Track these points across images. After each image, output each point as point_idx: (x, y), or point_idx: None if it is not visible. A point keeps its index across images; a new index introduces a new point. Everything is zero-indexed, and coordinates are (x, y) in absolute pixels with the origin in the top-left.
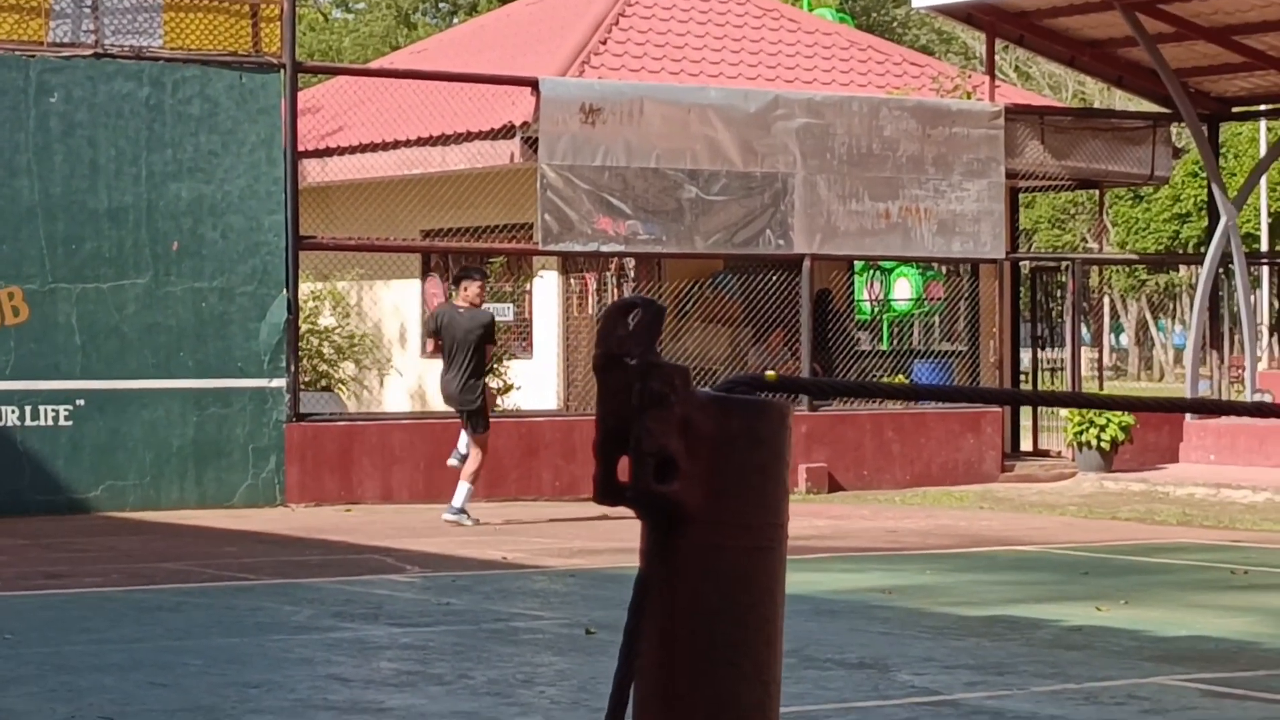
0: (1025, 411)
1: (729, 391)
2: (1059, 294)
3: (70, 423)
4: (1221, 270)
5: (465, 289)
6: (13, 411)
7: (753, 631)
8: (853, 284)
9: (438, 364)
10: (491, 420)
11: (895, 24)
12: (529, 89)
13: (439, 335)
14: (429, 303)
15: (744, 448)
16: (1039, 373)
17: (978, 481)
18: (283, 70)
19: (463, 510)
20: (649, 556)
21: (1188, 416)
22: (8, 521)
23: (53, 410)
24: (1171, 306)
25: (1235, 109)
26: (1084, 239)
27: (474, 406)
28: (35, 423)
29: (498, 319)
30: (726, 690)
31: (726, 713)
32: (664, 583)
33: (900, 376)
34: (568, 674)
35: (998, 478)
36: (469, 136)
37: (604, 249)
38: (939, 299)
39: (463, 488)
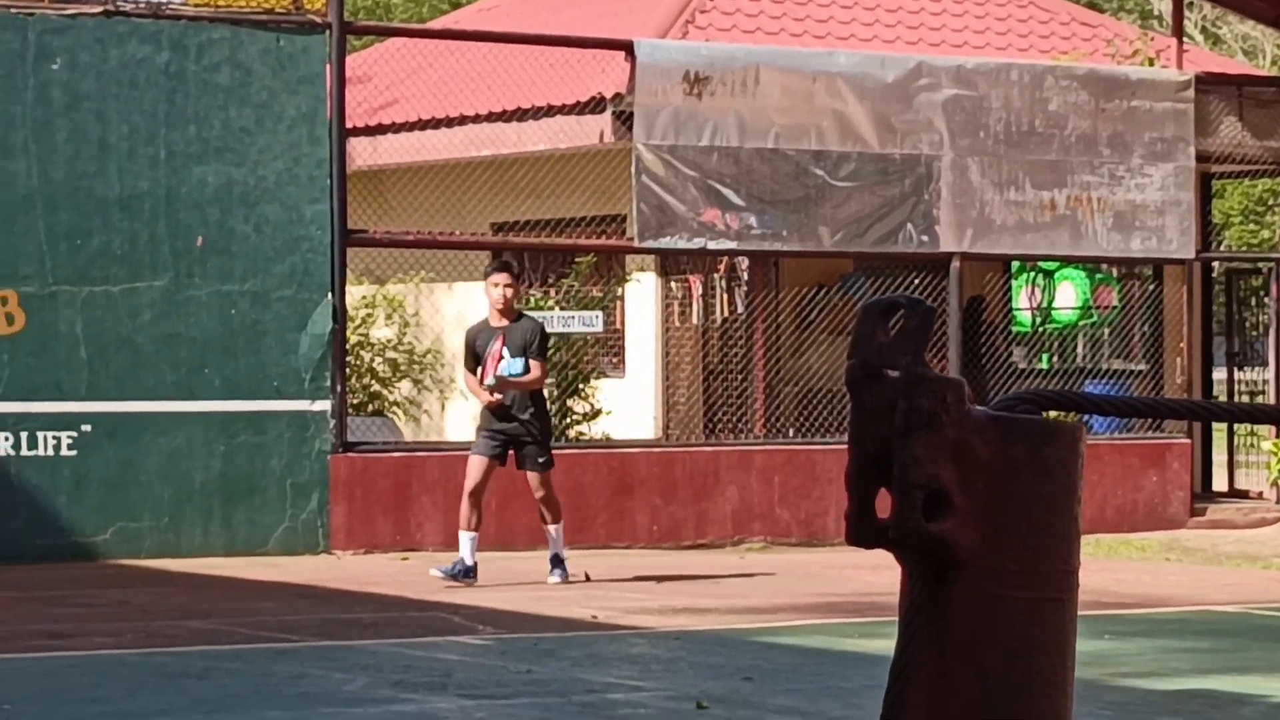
0: (1218, 444)
1: (1010, 410)
2: (1258, 301)
3: (74, 452)
4: None
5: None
6: (6, 439)
7: (1039, 701)
8: (1009, 289)
9: None
10: (554, 452)
11: None
12: (622, 54)
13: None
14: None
15: (1029, 478)
16: (1235, 396)
17: (1162, 527)
18: (328, 31)
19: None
20: (913, 609)
21: None
22: (0, 569)
23: (53, 437)
24: None
25: None
26: None
27: None
28: (33, 452)
29: (585, 329)
30: None
31: None
32: (932, 642)
33: None
34: None
35: (1186, 523)
36: (549, 111)
37: (711, 246)
38: (1110, 307)
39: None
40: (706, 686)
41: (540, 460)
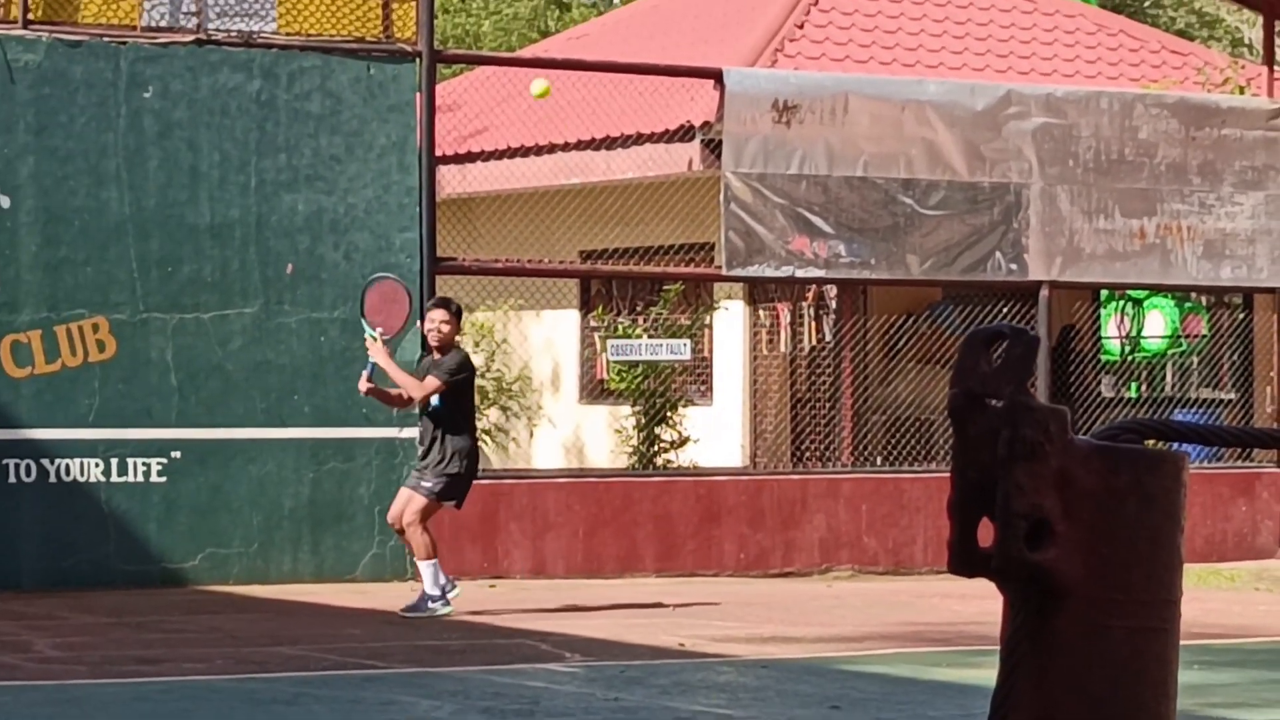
0: None
1: (1114, 439)
2: None
3: (164, 479)
4: None
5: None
6: (96, 465)
7: None
8: (1098, 318)
9: (596, 411)
10: (642, 480)
11: (1149, 4)
12: (711, 82)
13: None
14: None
15: (1133, 508)
16: None
17: (1252, 557)
18: (418, 59)
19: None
20: (1016, 639)
21: None
22: (91, 595)
23: (143, 464)
24: None
25: None
26: None
27: None
28: (123, 478)
29: (672, 357)
30: None
31: None
32: (1035, 671)
33: None
34: None
35: (1276, 553)
36: (638, 139)
37: (800, 274)
38: (1199, 335)
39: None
40: (794, 715)
41: (425, 485)
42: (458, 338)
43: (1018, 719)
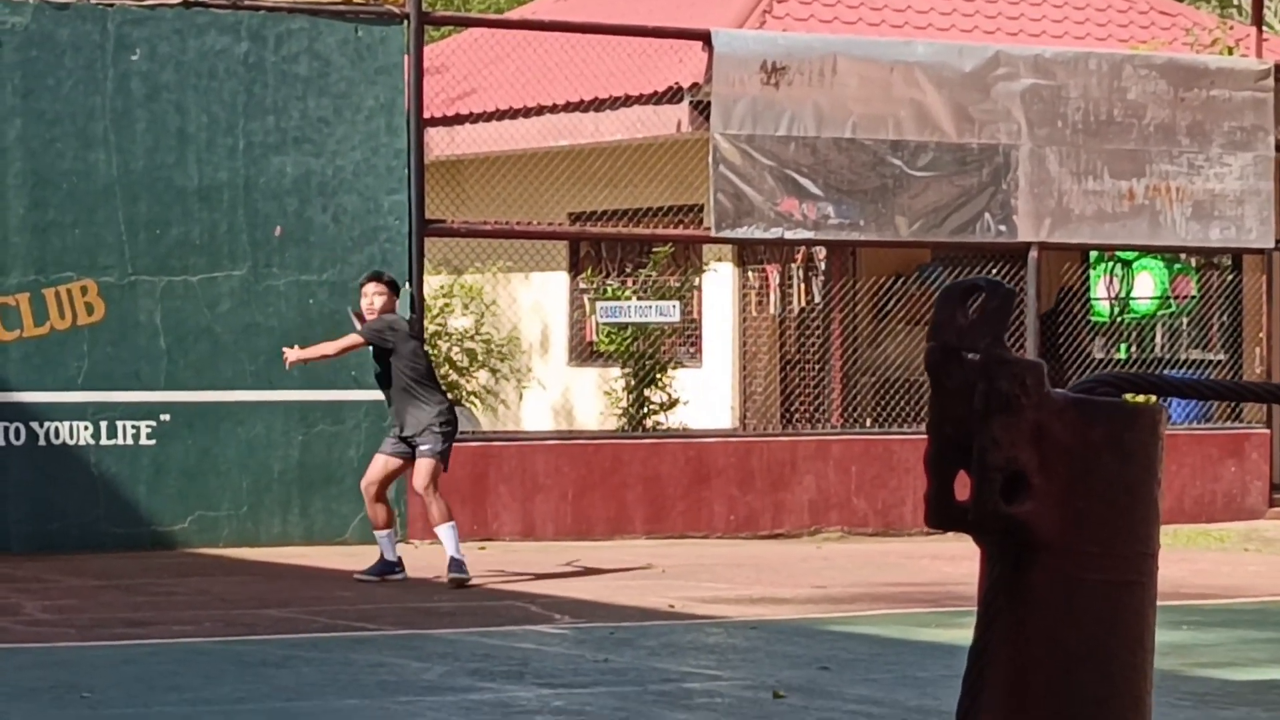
0: None
1: (1090, 392)
2: None
3: (153, 441)
4: None
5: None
6: (85, 428)
7: (1119, 684)
8: (1087, 279)
9: (585, 373)
10: (634, 441)
11: None
12: (699, 44)
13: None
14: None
15: (1110, 461)
16: None
17: (1241, 518)
18: (406, 21)
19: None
20: (993, 592)
21: None
22: (81, 558)
23: (133, 427)
24: None
25: None
26: None
27: None
28: (112, 441)
29: (661, 319)
30: None
31: None
32: (1012, 625)
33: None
34: None
35: (1265, 513)
36: (626, 101)
37: (789, 236)
38: (1189, 297)
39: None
40: (783, 676)
41: (425, 447)
42: (397, 307)
43: (995, 673)
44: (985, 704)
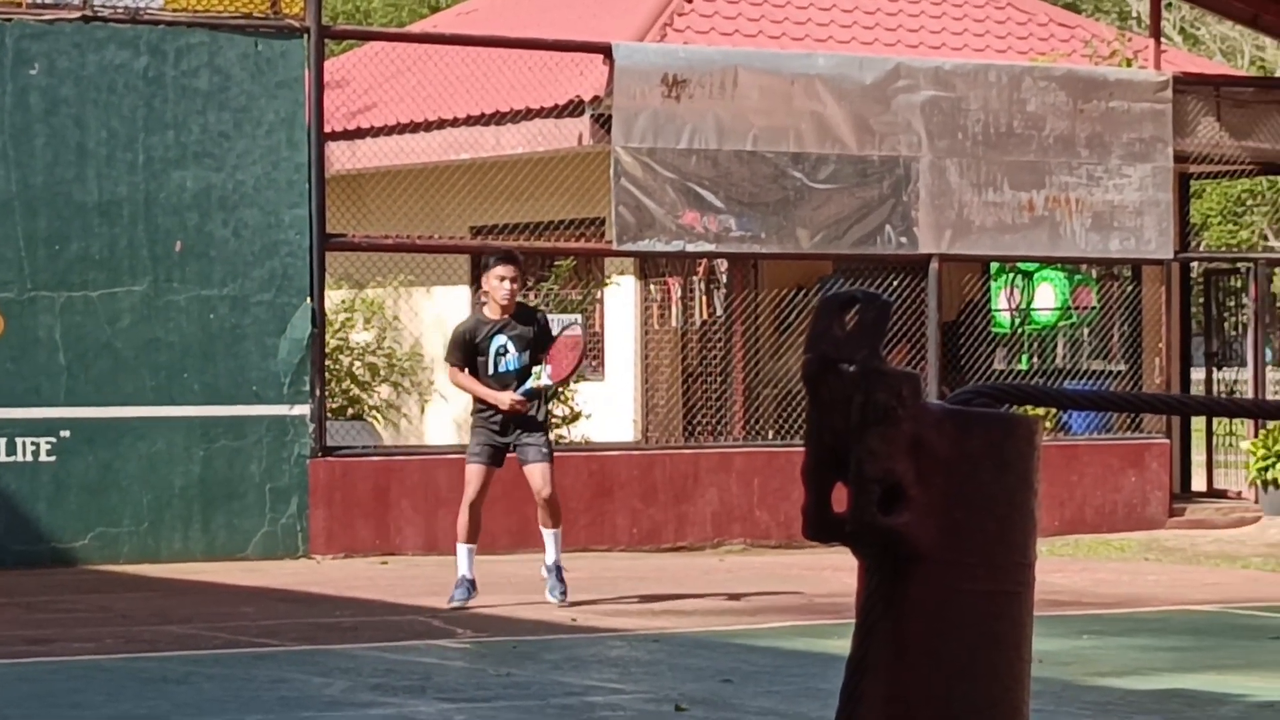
0: (1197, 444)
1: (967, 404)
2: (1237, 302)
3: (53, 458)
4: None
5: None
6: None
7: (997, 694)
8: (988, 290)
9: None
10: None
11: None
12: (600, 57)
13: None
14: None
15: (987, 472)
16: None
17: (1141, 528)
18: (306, 35)
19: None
20: (871, 603)
21: None
22: None
23: (32, 443)
24: None
25: None
26: (1264, 235)
27: None
28: (11, 458)
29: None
30: None
31: None
32: (890, 636)
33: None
34: None
35: (1165, 523)
36: (528, 114)
37: (690, 249)
38: (1089, 308)
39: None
40: (686, 689)
41: (545, 451)
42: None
43: (873, 684)
44: (864, 715)
